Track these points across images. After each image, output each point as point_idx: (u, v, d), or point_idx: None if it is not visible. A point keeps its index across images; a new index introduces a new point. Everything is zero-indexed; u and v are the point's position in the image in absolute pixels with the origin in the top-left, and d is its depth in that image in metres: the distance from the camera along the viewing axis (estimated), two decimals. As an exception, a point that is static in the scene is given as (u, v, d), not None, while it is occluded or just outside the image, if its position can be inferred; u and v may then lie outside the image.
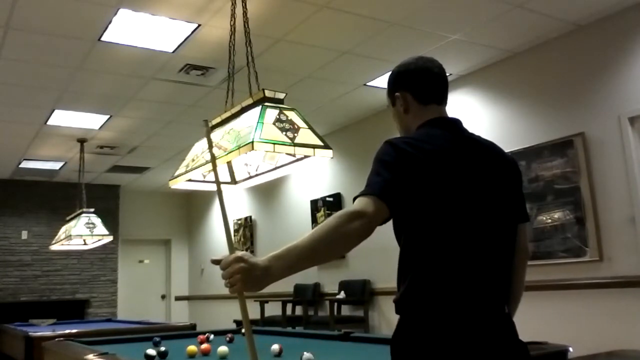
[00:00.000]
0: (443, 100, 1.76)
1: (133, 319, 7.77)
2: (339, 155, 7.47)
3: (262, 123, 2.85)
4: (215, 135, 3.30)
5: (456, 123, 1.73)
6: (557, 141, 4.93)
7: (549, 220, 4.92)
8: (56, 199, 9.87)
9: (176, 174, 3.48)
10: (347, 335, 3.51)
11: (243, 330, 4.21)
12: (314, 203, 7.91)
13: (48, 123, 6.80)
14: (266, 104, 3.02)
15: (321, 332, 4.15)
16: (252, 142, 2.72)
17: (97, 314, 9.94)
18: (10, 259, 9.56)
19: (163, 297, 11.60)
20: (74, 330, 5.48)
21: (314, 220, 7.86)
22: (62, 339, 4.23)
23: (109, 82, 5.68)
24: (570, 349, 2.37)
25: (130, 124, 7.07)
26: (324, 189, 7.80)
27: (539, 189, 5.01)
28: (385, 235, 6.63)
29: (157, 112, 6.71)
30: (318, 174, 7.93)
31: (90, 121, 6.85)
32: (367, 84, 6.00)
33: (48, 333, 5.22)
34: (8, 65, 5.18)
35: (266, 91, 3.09)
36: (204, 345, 3.01)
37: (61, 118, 6.65)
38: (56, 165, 8.94)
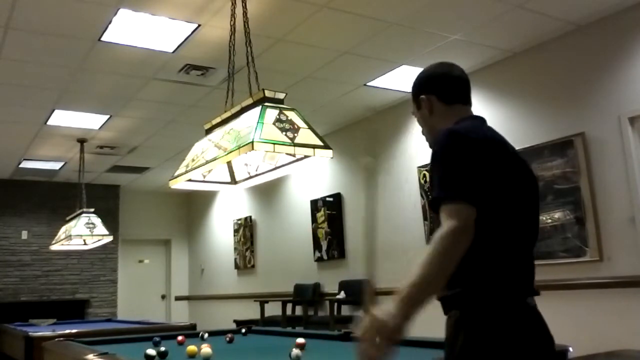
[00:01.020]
0: (468, 101, 1.88)
1: (133, 319, 7.77)
2: (339, 155, 7.46)
3: (262, 123, 2.85)
4: (215, 135, 3.30)
5: (485, 121, 1.83)
6: (557, 141, 4.93)
7: (549, 220, 4.91)
8: (56, 199, 9.87)
9: (176, 174, 3.49)
10: (347, 335, 3.51)
11: (243, 330, 4.22)
12: (314, 203, 7.91)
13: (48, 123, 6.80)
14: (266, 104, 3.02)
15: (321, 332, 4.15)
16: (252, 142, 2.72)
17: (97, 314, 9.94)
18: (10, 259, 9.57)
19: (163, 297, 11.60)
20: (74, 330, 5.47)
21: (314, 220, 7.86)
22: (62, 339, 4.23)
23: (109, 82, 5.68)
24: (570, 349, 2.37)
25: (130, 124, 7.07)
26: (324, 189, 7.80)
27: (539, 188, 5.01)
28: (384, 236, 6.66)
29: (157, 112, 6.71)
30: (318, 174, 7.93)
31: (90, 121, 6.85)
32: (367, 84, 6.00)
33: (48, 333, 5.22)
34: (8, 65, 5.18)
35: (266, 91, 3.09)
36: (204, 345, 3.00)
37: (61, 118, 6.65)
38: (56, 165, 8.94)
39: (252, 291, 9.31)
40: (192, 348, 2.99)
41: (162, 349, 2.98)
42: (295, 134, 2.89)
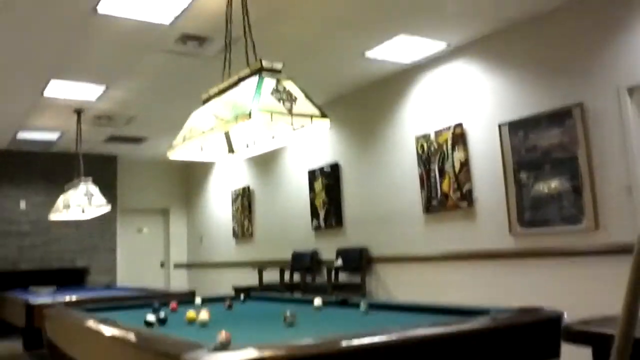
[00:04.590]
0: None
1: (132, 286, 7.85)
2: (337, 125, 7.47)
3: (260, 93, 2.85)
4: (213, 105, 3.30)
5: None
6: (556, 111, 4.93)
7: (546, 189, 4.94)
8: (54, 169, 9.88)
9: (173, 144, 3.49)
10: (344, 301, 3.55)
11: (242, 297, 4.27)
12: (311, 172, 7.93)
13: (44, 93, 6.76)
14: (263, 74, 3.02)
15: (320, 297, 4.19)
16: (250, 112, 2.72)
17: (97, 281, 10.02)
18: (9, 228, 9.60)
19: (162, 264, 11.68)
20: (74, 297, 5.53)
21: (312, 190, 7.89)
22: (62, 306, 4.28)
23: (106, 52, 5.63)
24: (565, 315, 2.40)
25: (127, 94, 7.04)
26: (322, 159, 7.81)
27: (536, 158, 5.03)
28: (381, 203, 6.70)
29: (154, 83, 6.67)
30: (316, 144, 7.94)
31: (87, 92, 6.81)
32: (366, 54, 5.97)
33: (48, 300, 5.28)
34: (3, 35, 5.14)
35: (263, 61, 3.08)
36: (203, 311, 3.04)
37: (58, 89, 6.61)
38: (53, 136, 8.92)
39: (250, 259, 9.39)
40: (191, 314, 3.03)
41: (162, 315, 3.02)
42: (293, 104, 2.89)
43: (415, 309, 3.03)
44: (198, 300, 4.12)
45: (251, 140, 3.49)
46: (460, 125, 5.79)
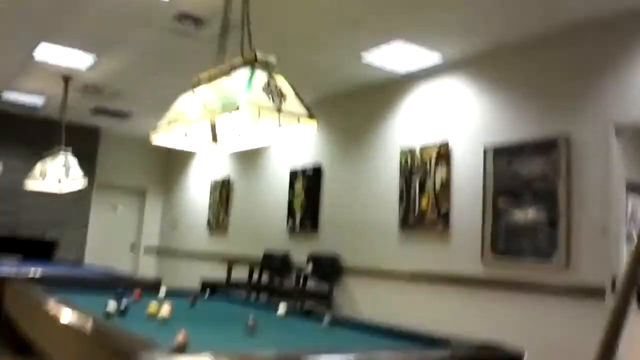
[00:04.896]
0: None
1: (100, 266, 7.74)
2: (324, 126, 7.41)
3: (250, 86, 2.78)
4: (201, 91, 3.22)
5: None
6: (542, 140, 4.89)
7: (523, 219, 4.92)
8: (35, 135, 9.68)
9: (158, 125, 3.41)
10: (308, 313, 3.47)
11: (207, 293, 4.18)
12: (294, 172, 7.87)
13: (34, 56, 6.65)
14: (256, 65, 2.94)
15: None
16: (238, 104, 2.66)
17: (65, 256, 9.86)
18: (-19, 190, 9.42)
19: (132, 247, 11.54)
20: (39, 272, 5.43)
21: (292, 190, 7.82)
22: (24, 280, 4.18)
23: (100, 21, 5.54)
24: (526, 355, 2.36)
25: (118, 67, 6.94)
26: (305, 159, 7.75)
27: (517, 186, 5.00)
28: (359, 212, 6.65)
29: (145, 59, 6.59)
30: (300, 143, 7.88)
31: (77, 59, 6.70)
32: (363, 56, 5.92)
33: (11, 272, 5.17)
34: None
35: (258, 53, 3.00)
36: (165, 305, 2.96)
37: (48, 52, 6.49)
38: (39, 101, 8.77)
39: (221, 252, 9.30)
40: (152, 308, 2.94)
41: (123, 305, 2.94)
42: (283, 102, 2.82)
43: (378, 330, 2.97)
44: (162, 292, 4.04)
45: (236, 133, 3.42)
46: (446, 144, 5.76)
